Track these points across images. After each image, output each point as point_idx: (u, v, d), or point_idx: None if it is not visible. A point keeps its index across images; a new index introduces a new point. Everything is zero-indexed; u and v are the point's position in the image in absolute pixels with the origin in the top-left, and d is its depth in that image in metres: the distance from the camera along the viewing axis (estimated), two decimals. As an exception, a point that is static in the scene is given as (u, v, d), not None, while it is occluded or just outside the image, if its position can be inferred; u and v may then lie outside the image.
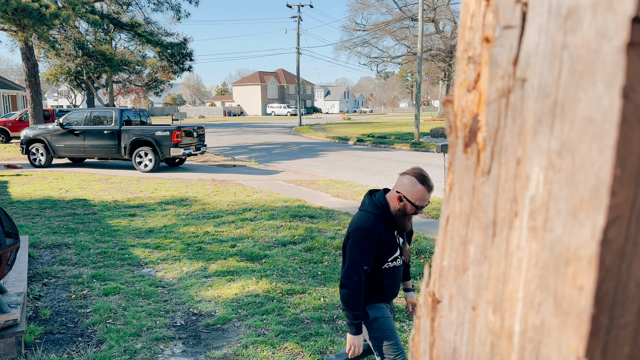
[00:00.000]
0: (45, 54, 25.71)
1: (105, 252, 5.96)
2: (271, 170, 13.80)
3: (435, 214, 7.95)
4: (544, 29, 0.41)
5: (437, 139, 22.35)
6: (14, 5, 15.13)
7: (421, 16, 20.96)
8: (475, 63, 0.49)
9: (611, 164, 0.36)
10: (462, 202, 0.51)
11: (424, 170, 2.50)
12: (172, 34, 25.62)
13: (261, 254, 5.87)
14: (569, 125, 0.39)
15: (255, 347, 3.71)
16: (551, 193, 0.40)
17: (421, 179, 2.45)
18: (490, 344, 0.47)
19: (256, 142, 23.18)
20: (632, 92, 0.35)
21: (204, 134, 14.67)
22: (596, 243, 0.37)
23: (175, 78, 31.13)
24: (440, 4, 44.25)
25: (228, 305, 4.48)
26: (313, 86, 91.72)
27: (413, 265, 5.49)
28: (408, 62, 50.09)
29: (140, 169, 13.22)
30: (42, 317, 4.22)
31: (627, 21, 0.35)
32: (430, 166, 14.07)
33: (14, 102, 34.72)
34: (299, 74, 37.42)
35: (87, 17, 20.80)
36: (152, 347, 3.72)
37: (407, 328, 4.06)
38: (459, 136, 0.52)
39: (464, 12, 0.51)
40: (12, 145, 20.75)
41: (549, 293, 0.40)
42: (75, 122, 13.80)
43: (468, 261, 0.50)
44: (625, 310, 0.38)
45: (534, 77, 0.42)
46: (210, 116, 70.26)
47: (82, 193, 10.00)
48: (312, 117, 63.13)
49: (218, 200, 9.11)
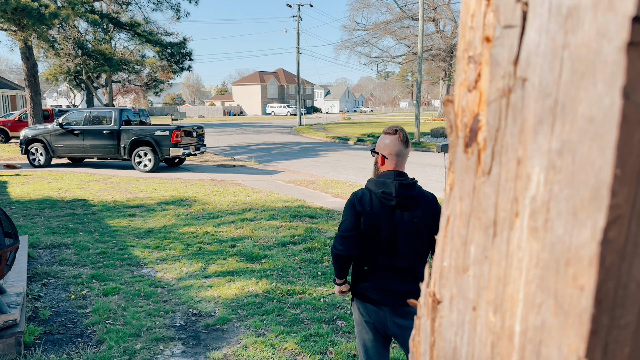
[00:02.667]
0: (45, 54, 25.72)
1: (104, 253, 5.96)
2: (271, 170, 13.80)
3: (435, 214, 7.95)
4: (544, 29, 0.41)
5: (438, 139, 22.36)
6: (14, 5, 15.12)
7: (421, 16, 20.97)
8: (475, 63, 0.49)
9: (612, 164, 0.36)
10: (463, 202, 0.51)
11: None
12: (171, 33, 25.62)
13: (261, 254, 5.87)
14: (570, 125, 0.39)
15: (255, 348, 3.71)
16: (552, 193, 0.40)
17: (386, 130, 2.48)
18: (490, 345, 0.47)
19: (256, 142, 23.18)
20: (632, 92, 0.35)
21: (204, 133, 14.67)
22: (597, 243, 0.37)
23: (174, 78, 31.15)
24: (440, 4, 44.27)
25: (228, 305, 4.48)
26: (313, 86, 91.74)
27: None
28: (408, 62, 50.11)
29: (139, 169, 13.22)
30: (41, 318, 4.22)
31: (627, 21, 0.35)
32: (431, 166, 14.07)
33: (13, 102, 34.71)
34: (299, 73, 37.43)
35: (86, 16, 20.80)
36: (152, 347, 3.72)
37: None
38: (459, 136, 0.52)
39: (465, 12, 0.51)
40: (11, 145, 20.74)
41: (550, 293, 0.40)
42: (74, 122, 13.79)
43: (469, 261, 0.50)
44: (626, 311, 0.38)
45: (534, 77, 0.42)
46: (209, 116, 70.26)
47: (81, 193, 10.00)
48: (312, 116, 63.14)
49: (218, 201, 9.11)
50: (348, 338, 3.87)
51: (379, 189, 2.38)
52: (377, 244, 2.39)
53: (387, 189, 2.37)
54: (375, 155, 2.47)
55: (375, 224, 2.38)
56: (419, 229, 2.40)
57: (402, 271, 2.40)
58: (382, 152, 2.43)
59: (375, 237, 2.39)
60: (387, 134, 2.44)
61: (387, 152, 2.42)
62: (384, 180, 2.39)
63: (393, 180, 2.37)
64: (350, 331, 3.98)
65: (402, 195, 2.36)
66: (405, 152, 2.43)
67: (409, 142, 2.46)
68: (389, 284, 2.39)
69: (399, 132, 2.42)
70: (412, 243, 2.40)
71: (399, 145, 2.40)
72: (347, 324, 4.10)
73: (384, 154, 2.42)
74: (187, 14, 25.65)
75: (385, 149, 2.42)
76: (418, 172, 12.99)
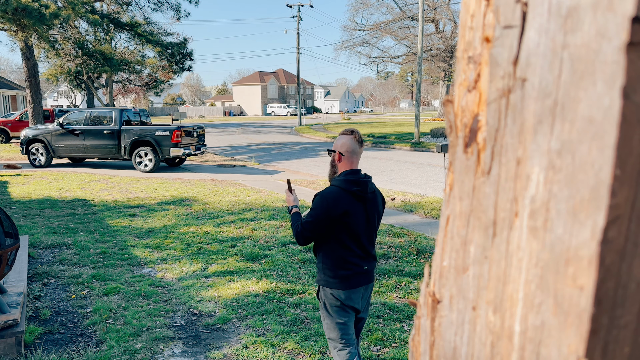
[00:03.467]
0: (45, 54, 25.72)
1: (105, 252, 5.96)
2: (271, 170, 13.80)
3: (436, 214, 7.95)
4: (544, 29, 0.41)
5: (438, 139, 22.36)
6: (14, 5, 15.13)
7: (421, 16, 20.96)
8: (475, 63, 0.49)
9: (611, 164, 0.36)
10: (463, 202, 0.51)
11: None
12: (172, 33, 25.62)
13: (261, 254, 5.87)
14: (569, 125, 0.39)
15: (255, 347, 3.71)
16: (551, 193, 0.40)
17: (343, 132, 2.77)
18: (490, 344, 0.47)
19: (256, 142, 23.18)
20: (632, 92, 0.35)
21: (204, 133, 14.68)
22: (596, 243, 0.37)
23: (175, 78, 31.13)
24: (440, 4, 44.26)
25: (228, 305, 4.48)
26: (313, 86, 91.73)
27: (413, 265, 5.50)
28: (408, 62, 50.10)
29: (140, 169, 13.22)
30: (42, 317, 4.22)
31: (627, 21, 0.35)
32: (431, 166, 14.07)
33: (14, 102, 34.72)
34: (299, 73, 37.42)
35: (87, 17, 20.81)
36: (152, 347, 3.72)
37: (407, 328, 4.06)
38: (459, 136, 0.52)
39: (464, 12, 0.51)
40: (12, 145, 20.75)
41: (549, 293, 0.40)
42: (75, 122, 13.80)
43: (468, 261, 0.50)
44: (626, 311, 0.38)
45: (534, 77, 0.42)
46: (210, 116, 70.27)
47: (82, 193, 10.00)
48: (312, 117, 63.13)
49: (218, 200, 9.11)
50: (348, 338, 3.87)
51: (353, 187, 2.65)
52: (353, 235, 2.67)
53: (361, 187, 2.67)
54: (333, 154, 2.74)
55: (354, 219, 2.65)
56: (378, 218, 2.80)
57: (369, 254, 2.77)
58: (339, 151, 2.70)
59: (353, 229, 2.65)
60: (344, 135, 2.74)
61: (344, 150, 2.69)
62: (354, 178, 2.67)
63: (364, 178, 2.70)
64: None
65: (371, 190, 2.73)
66: (360, 150, 2.73)
67: (363, 142, 2.76)
68: (362, 267, 2.73)
69: (355, 133, 2.73)
70: (374, 230, 2.79)
71: (355, 145, 2.70)
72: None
73: (342, 151, 2.70)
74: (188, 14, 25.65)
75: (343, 148, 2.70)
76: (418, 172, 12.99)
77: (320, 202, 2.62)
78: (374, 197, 2.76)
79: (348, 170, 2.68)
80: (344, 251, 2.67)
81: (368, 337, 3.86)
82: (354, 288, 2.70)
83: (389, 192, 9.79)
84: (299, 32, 37.49)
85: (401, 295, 4.72)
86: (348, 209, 2.61)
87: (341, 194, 2.63)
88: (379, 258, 5.74)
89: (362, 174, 2.71)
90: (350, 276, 2.68)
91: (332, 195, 2.63)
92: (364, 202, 2.69)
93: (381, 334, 3.90)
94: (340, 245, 2.66)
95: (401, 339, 3.84)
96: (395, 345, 3.75)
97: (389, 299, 4.60)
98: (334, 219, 2.60)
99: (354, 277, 2.69)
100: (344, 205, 2.60)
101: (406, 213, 8.14)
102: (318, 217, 2.61)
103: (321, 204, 2.62)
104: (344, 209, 2.60)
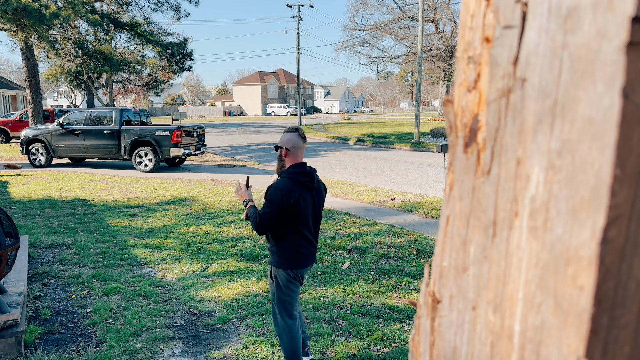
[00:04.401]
0: (45, 54, 25.70)
1: (105, 252, 5.96)
2: (271, 170, 13.80)
3: (435, 214, 7.95)
4: (544, 29, 0.41)
5: (437, 139, 22.35)
6: (14, 5, 15.13)
7: (421, 16, 20.96)
8: (475, 63, 0.49)
9: (611, 164, 0.36)
10: (462, 202, 0.51)
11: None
12: (172, 33, 25.61)
13: (261, 254, 5.87)
14: (569, 125, 0.39)
15: (255, 347, 3.72)
16: (551, 193, 0.40)
17: (287, 129, 3.12)
18: (490, 344, 0.47)
19: (256, 142, 23.18)
20: (632, 92, 0.35)
21: (204, 133, 14.67)
22: (596, 243, 0.37)
23: (175, 78, 31.14)
24: (440, 4, 44.26)
25: (228, 305, 4.48)
26: (313, 86, 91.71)
27: (413, 265, 5.50)
28: (408, 62, 50.09)
29: (140, 169, 13.22)
30: (42, 317, 4.22)
31: (627, 21, 0.35)
32: (430, 166, 14.07)
33: (14, 102, 34.71)
34: (299, 73, 37.42)
35: (87, 17, 20.80)
36: (152, 347, 3.72)
37: (407, 328, 4.06)
38: (459, 136, 0.52)
39: (464, 12, 0.51)
40: (12, 145, 20.75)
41: (549, 293, 0.40)
42: (75, 122, 13.80)
43: (468, 261, 0.50)
44: (626, 310, 0.38)
45: (534, 77, 0.42)
46: (210, 116, 70.25)
47: (82, 193, 10.00)
48: (312, 117, 63.12)
49: (218, 200, 9.11)
50: (348, 337, 3.87)
51: (302, 178, 2.99)
52: (303, 221, 3.03)
53: (309, 177, 3.02)
54: (280, 150, 3.06)
55: (304, 206, 2.99)
56: (322, 206, 3.18)
57: (314, 239, 3.17)
58: (285, 146, 3.04)
59: (303, 216, 3.00)
60: (288, 132, 3.08)
61: (290, 145, 3.03)
62: (301, 170, 3.02)
63: (310, 170, 3.07)
64: (351, 330, 3.98)
65: (317, 181, 3.11)
66: (303, 145, 3.07)
67: (306, 138, 3.10)
68: (310, 250, 3.13)
69: (298, 130, 3.08)
70: (319, 217, 3.17)
71: (299, 140, 3.05)
72: (347, 324, 4.10)
73: (288, 147, 3.03)
74: (188, 15, 25.65)
75: (289, 143, 3.04)
76: (418, 172, 12.99)
77: (275, 193, 2.92)
78: (319, 186, 3.16)
79: (296, 164, 3.04)
80: (295, 235, 3.02)
81: (368, 337, 3.86)
82: (304, 268, 3.11)
83: (389, 192, 9.79)
84: (299, 32, 37.49)
85: (401, 295, 4.72)
86: (299, 197, 2.94)
87: (293, 185, 2.95)
88: (379, 258, 5.74)
89: (307, 166, 3.08)
90: (301, 257, 3.07)
91: (285, 186, 2.94)
92: (311, 191, 3.06)
93: (381, 334, 3.90)
94: (292, 230, 3.01)
95: (401, 339, 3.84)
96: (395, 345, 3.75)
97: (389, 299, 4.60)
98: (288, 207, 2.91)
99: (304, 258, 3.08)
100: (296, 195, 2.93)
101: (406, 213, 8.14)
102: (274, 207, 2.91)
103: (276, 195, 2.91)
104: (296, 198, 2.92)
